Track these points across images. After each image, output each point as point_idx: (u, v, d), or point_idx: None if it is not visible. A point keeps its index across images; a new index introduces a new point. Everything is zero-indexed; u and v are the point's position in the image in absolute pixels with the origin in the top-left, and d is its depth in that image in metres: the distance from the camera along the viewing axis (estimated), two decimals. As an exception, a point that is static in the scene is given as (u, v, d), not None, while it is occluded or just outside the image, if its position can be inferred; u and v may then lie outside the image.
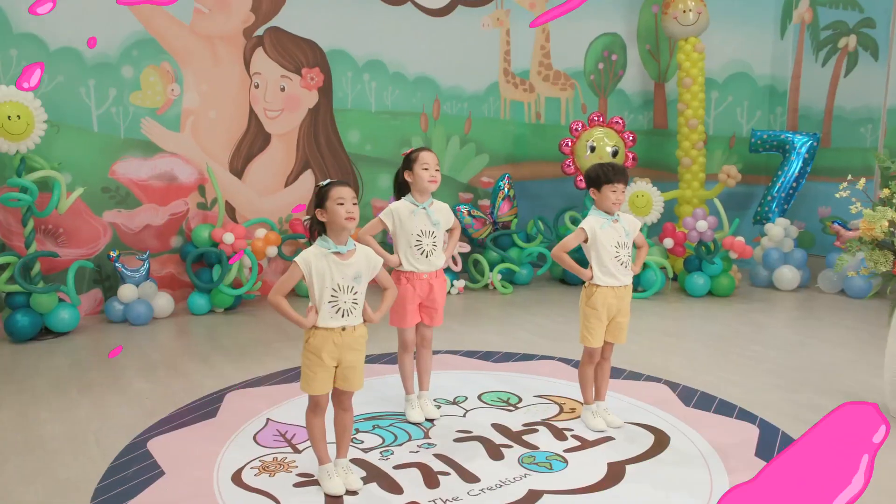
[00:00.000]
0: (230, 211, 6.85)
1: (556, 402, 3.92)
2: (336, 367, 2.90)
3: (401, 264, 3.58)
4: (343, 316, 2.82)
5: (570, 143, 7.32)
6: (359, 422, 3.69)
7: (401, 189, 3.61)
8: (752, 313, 6.28)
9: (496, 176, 8.13)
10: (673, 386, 4.19)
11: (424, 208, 3.52)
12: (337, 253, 2.81)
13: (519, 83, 8.43)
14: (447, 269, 7.17)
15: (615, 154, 7.15)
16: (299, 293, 6.52)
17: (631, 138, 7.25)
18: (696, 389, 4.12)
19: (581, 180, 7.32)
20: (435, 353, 4.90)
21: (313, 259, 2.80)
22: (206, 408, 3.96)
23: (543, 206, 8.24)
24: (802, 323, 5.97)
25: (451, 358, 4.83)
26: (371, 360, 4.76)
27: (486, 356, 4.87)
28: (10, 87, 5.15)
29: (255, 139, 6.92)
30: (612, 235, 3.38)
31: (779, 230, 7.35)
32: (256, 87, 6.85)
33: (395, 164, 7.78)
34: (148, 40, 6.26)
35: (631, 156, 7.28)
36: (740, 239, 6.86)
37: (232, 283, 6.37)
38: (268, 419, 3.76)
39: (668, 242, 6.92)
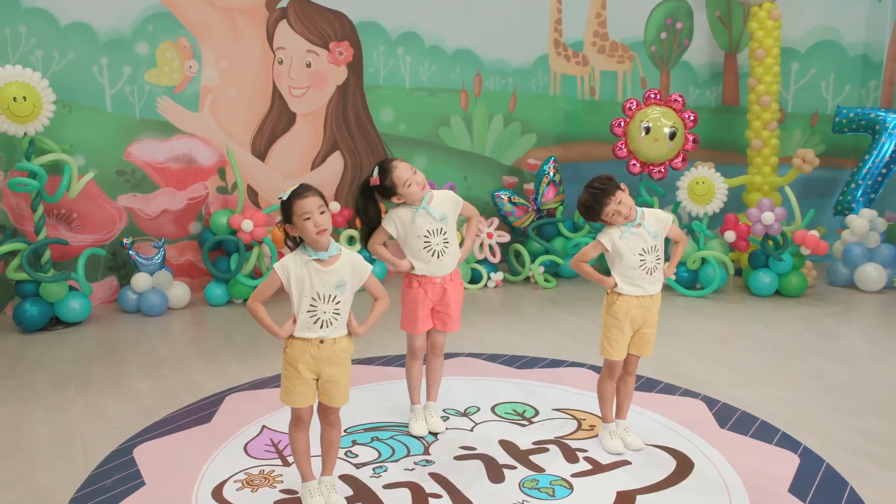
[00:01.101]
0: (252, 196, 6.95)
1: (575, 418, 3.84)
2: (317, 381, 2.89)
3: (413, 267, 3.54)
4: (322, 327, 2.81)
5: (622, 124, 7.13)
6: (357, 433, 3.71)
7: (367, 213, 3.50)
8: (824, 318, 6.01)
9: (544, 158, 7.99)
10: (711, 403, 4.04)
11: (425, 207, 3.48)
12: (318, 260, 2.80)
13: (571, 55, 8.25)
14: (484, 261, 7.11)
15: (673, 136, 6.93)
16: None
17: (692, 118, 7.00)
18: (736, 408, 3.97)
19: (634, 164, 7.14)
20: (455, 355, 4.90)
21: (292, 265, 2.79)
22: (202, 411, 4.04)
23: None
24: (882, 332, 5.68)
25: (472, 362, 4.80)
26: (382, 363, 4.77)
27: (511, 361, 4.81)
28: (16, 66, 5.31)
29: (278, 119, 6.98)
30: (635, 243, 3.27)
31: (863, 222, 7.00)
32: (280, 62, 6.89)
33: (431, 146, 7.83)
34: (164, 14, 6.37)
35: (691, 138, 7.04)
36: (814, 233, 6.56)
37: (252, 273, 6.48)
38: (263, 426, 3.80)
39: (730, 235, 6.68)
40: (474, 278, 7.13)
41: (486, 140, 7.94)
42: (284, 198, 2.80)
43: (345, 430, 3.71)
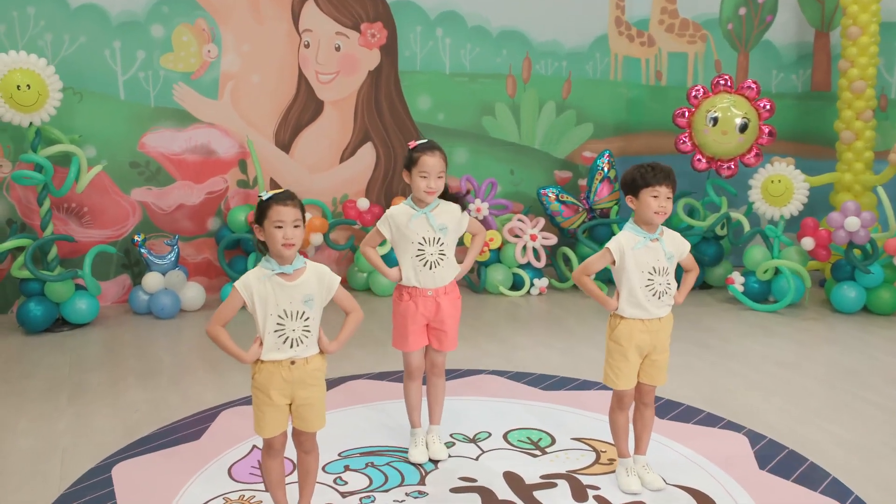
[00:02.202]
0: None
1: (594, 449, 3.79)
2: (291, 405, 2.93)
3: (401, 278, 3.57)
4: (292, 346, 2.84)
5: (686, 114, 6.96)
6: (352, 457, 3.75)
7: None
8: (914, 341, 5.74)
9: (601, 151, 7.84)
10: (755, 439, 3.92)
11: (425, 213, 3.48)
12: (283, 274, 2.82)
13: (635, 35, 8.10)
14: (527, 265, 7.06)
15: (744, 127, 6.73)
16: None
17: (767, 107, 6.78)
18: (784, 446, 3.83)
19: (699, 159, 6.97)
20: (476, 373, 4.91)
21: (254, 282, 2.83)
22: (193, 427, 4.13)
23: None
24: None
25: (494, 381, 4.78)
26: (394, 378, 4.78)
27: (537, 381, 4.77)
28: (20, 52, 5.53)
29: (304, 107, 7.08)
30: (646, 258, 3.22)
31: (970, 230, 6.64)
32: (307, 46, 6.98)
33: (473, 137, 7.82)
34: (181, -6, 6.56)
35: (766, 130, 6.82)
36: (909, 241, 6.26)
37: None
38: (254, 446, 3.86)
39: (808, 242, 6.44)
40: (516, 284, 7.08)
41: (535, 131, 7.87)
42: (264, 198, 2.84)
43: (339, 454, 3.77)
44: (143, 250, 6.32)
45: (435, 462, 3.68)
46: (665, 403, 4.37)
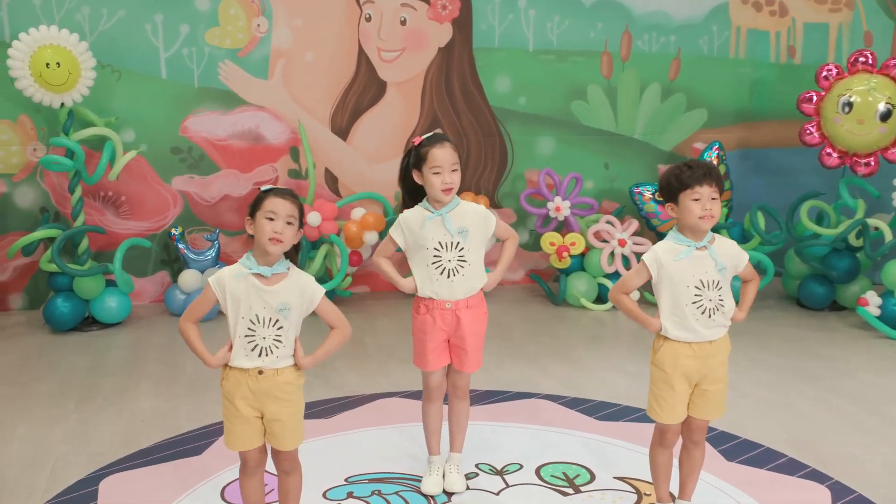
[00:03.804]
0: (331, 182, 7.26)
1: (637, 490, 3.76)
2: (262, 419, 3.05)
3: (416, 289, 3.64)
4: (260, 355, 2.97)
5: (814, 99, 6.72)
6: (360, 483, 3.85)
7: (413, 193, 3.67)
8: None
9: (718, 140, 7.67)
10: (840, 493, 3.77)
11: (441, 215, 3.54)
12: (259, 276, 2.94)
13: (763, 3, 7.90)
14: (614, 274, 6.98)
15: (887, 115, 6.44)
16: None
17: (915, 91, 6.48)
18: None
19: (829, 153, 6.72)
20: (528, 396, 4.95)
21: (229, 280, 2.97)
22: (196, 441, 4.34)
23: (787, 187, 7.65)
24: None
25: (544, 406, 4.80)
26: (408, 395, 4.84)
27: (594, 409, 4.74)
28: (51, 27, 5.91)
29: (365, 89, 7.24)
30: (691, 271, 3.17)
31: None
32: (368, 19, 7.14)
33: (561, 125, 7.81)
34: (229, -38, 6.83)
35: (914, 118, 6.51)
36: None
37: (322, 275, 6.78)
38: (256, 466, 4.01)
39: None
40: (601, 297, 7.02)
41: (635, 118, 7.78)
42: (263, 190, 3.00)
43: (345, 479, 3.88)
44: (180, 245, 6.63)
45: (449, 494, 3.74)
46: (740, 444, 4.27)
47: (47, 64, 5.83)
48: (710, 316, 3.17)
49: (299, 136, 7.03)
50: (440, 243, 3.56)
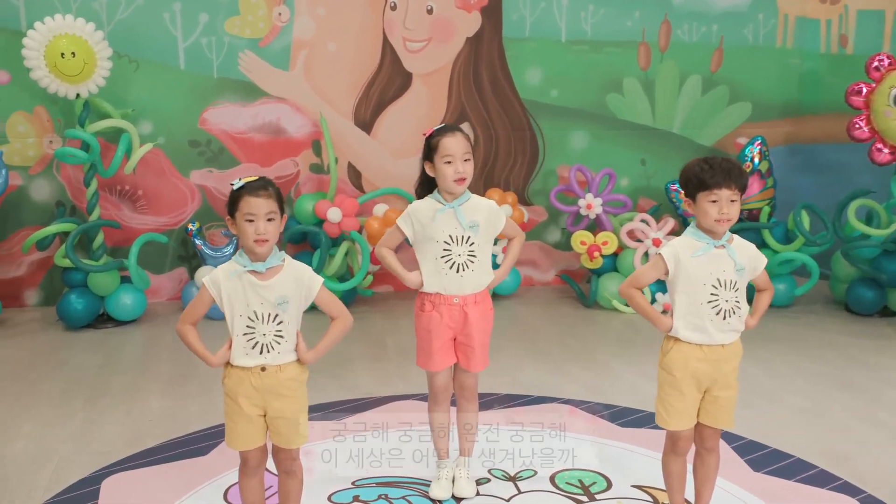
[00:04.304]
0: (354, 177, 7.32)
1: (654, 499, 3.76)
2: (265, 417, 3.10)
3: (422, 284, 3.67)
4: (262, 352, 3.02)
5: (863, 91, 6.64)
6: (367, 486, 3.89)
7: (427, 185, 3.70)
8: None
9: (762, 135, 7.61)
10: (870, 505, 3.75)
11: (453, 207, 3.57)
12: (254, 272, 2.99)
13: (814, -10, 7.85)
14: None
15: (940, 109, 6.36)
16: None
17: (971, 84, 6.38)
18: (905, 517, 3.65)
19: (879, 149, 6.64)
20: (548, 400, 4.96)
21: (223, 279, 3.03)
22: (203, 441, 4.41)
23: (836, 185, 7.56)
24: None
25: (564, 410, 4.80)
26: (423, 397, 4.88)
27: (617, 415, 4.75)
28: (66, 16, 6.03)
29: (389, 81, 7.29)
30: (709, 269, 3.17)
31: None
32: (393, 8, 7.19)
33: (595, 119, 7.81)
34: (250, -51, 6.92)
35: (968, 113, 6.42)
36: None
37: (344, 273, 6.84)
38: (261, 467, 4.07)
39: None
40: (635, 299, 7.00)
41: (674, 111, 7.74)
42: (235, 187, 3.03)
43: (353, 482, 3.92)
44: (197, 241, 6.73)
45: (458, 500, 3.76)
46: (769, 454, 4.25)
47: (62, 54, 5.95)
48: (725, 318, 3.17)
49: (321, 129, 7.10)
50: (451, 237, 3.59)
